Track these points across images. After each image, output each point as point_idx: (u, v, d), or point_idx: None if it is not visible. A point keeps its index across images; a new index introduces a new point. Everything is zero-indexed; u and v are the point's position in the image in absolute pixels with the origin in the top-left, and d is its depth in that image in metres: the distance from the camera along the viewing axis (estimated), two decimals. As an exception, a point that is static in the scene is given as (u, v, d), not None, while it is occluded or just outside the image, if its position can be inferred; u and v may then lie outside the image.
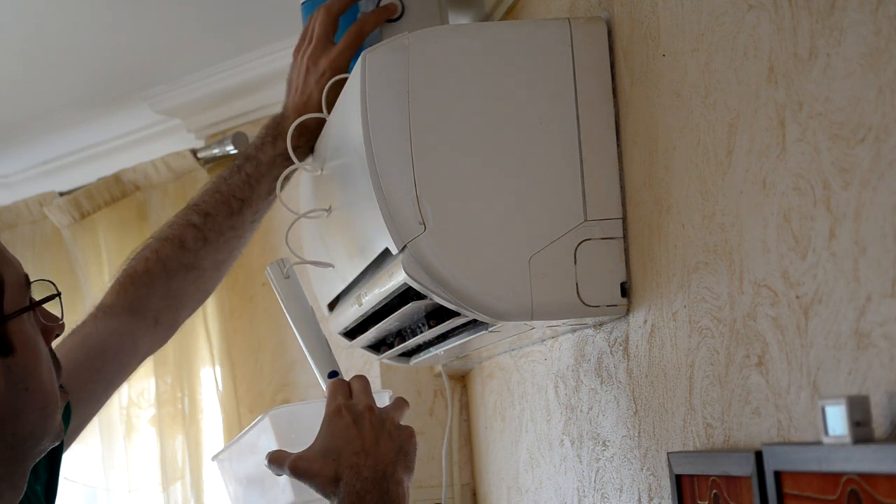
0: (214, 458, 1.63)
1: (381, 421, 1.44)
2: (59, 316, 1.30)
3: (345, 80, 1.63)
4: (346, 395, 1.46)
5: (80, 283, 3.16)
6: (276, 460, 1.43)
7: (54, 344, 1.32)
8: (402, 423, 1.47)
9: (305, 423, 1.50)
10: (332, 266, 1.77)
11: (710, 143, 1.23)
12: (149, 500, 3.04)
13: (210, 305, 2.90)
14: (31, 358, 1.24)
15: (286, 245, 1.69)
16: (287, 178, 1.74)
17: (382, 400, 1.51)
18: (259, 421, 1.51)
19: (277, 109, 2.78)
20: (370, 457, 1.40)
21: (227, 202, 1.77)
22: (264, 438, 1.51)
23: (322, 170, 1.74)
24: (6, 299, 1.23)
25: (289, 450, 1.43)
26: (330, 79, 1.72)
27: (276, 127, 1.80)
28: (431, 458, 2.36)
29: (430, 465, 2.36)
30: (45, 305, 1.29)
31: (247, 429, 1.56)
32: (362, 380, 1.50)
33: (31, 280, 1.28)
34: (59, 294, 1.30)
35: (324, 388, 1.58)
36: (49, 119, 3.03)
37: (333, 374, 1.58)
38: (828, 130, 1.00)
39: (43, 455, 1.30)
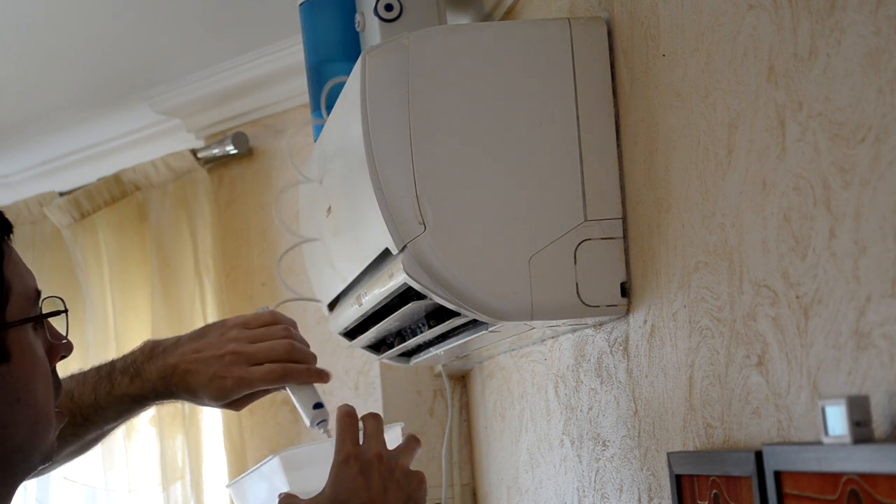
0: (229, 486, 1.63)
1: (391, 470, 1.40)
2: (65, 334, 1.27)
3: (343, 82, 1.63)
4: (355, 441, 1.41)
5: (80, 283, 3.16)
6: None
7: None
8: (413, 466, 1.43)
9: (316, 463, 1.49)
10: (320, 301, 1.76)
11: (710, 143, 1.23)
12: (149, 500, 3.04)
13: (210, 305, 2.90)
14: (28, 370, 1.22)
15: (277, 276, 1.67)
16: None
17: (394, 433, 1.48)
18: (269, 461, 1.51)
19: (277, 109, 2.81)
20: None
21: (74, 412, 1.63)
22: (275, 478, 1.50)
23: (321, 179, 1.74)
24: (10, 306, 1.21)
25: (300, 489, 1.42)
26: (229, 388, 1.58)
27: (144, 362, 1.64)
28: (431, 458, 2.36)
29: (430, 465, 2.36)
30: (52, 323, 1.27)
31: (258, 466, 1.55)
32: (375, 421, 1.44)
33: (44, 297, 1.27)
34: (66, 311, 1.28)
35: (307, 421, 1.57)
36: (49, 119, 3.03)
37: (318, 406, 1.57)
38: (828, 130, 1.00)
39: (33, 473, 1.26)
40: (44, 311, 1.26)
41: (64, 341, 1.28)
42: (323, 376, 1.59)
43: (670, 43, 1.32)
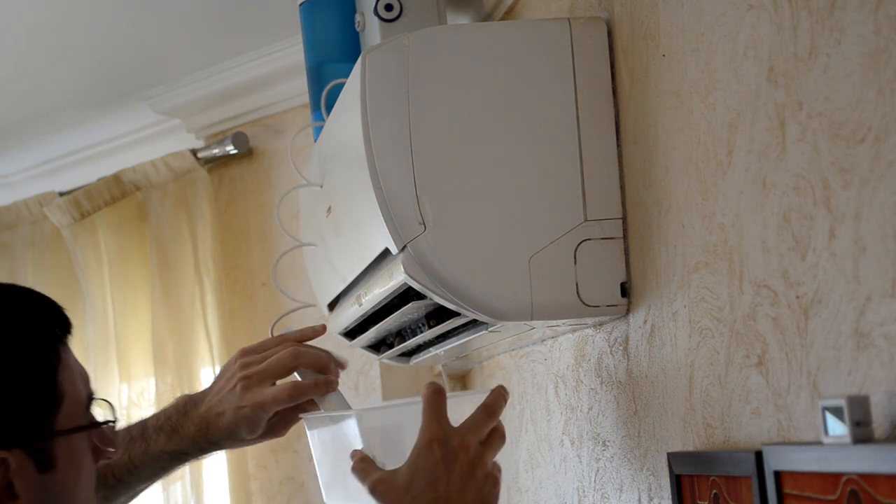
0: (303, 415, 1.60)
1: (472, 466, 1.33)
2: (114, 439, 1.25)
3: (343, 83, 1.62)
4: (442, 421, 1.34)
5: (80, 283, 3.15)
6: (361, 472, 1.36)
7: None
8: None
9: (394, 424, 1.44)
10: (315, 305, 1.76)
11: (710, 143, 1.23)
12: (149, 500, 3.04)
13: (210, 305, 2.90)
14: (72, 478, 1.20)
15: (274, 282, 1.67)
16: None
17: (478, 399, 1.40)
18: (348, 416, 1.47)
19: (277, 109, 2.81)
20: None
21: (105, 474, 1.57)
22: (351, 435, 1.46)
23: (322, 184, 1.74)
24: (61, 414, 1.20)
25: (375, 451, 1.39)
26: (250, 416, 1.56)
27: (180, 417, 1.61)
28: (431, 458, 2.36)
29: (430, 465, 2.35)
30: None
31: (334, 414, 1.52)
32: (485, 416, 1.35)
33: (94, 398, 1.24)
34: (115, 420, 1.26)
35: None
36: (49, 119, 3.03)
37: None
38: (828, 130, 1.00)
39: None
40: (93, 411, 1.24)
41: (111, 449, 1.25)
42: (330, 385, 1.57)
43: (670, 43, 1.32)
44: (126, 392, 3.07)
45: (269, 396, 1.56)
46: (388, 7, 1.81)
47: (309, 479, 2.72)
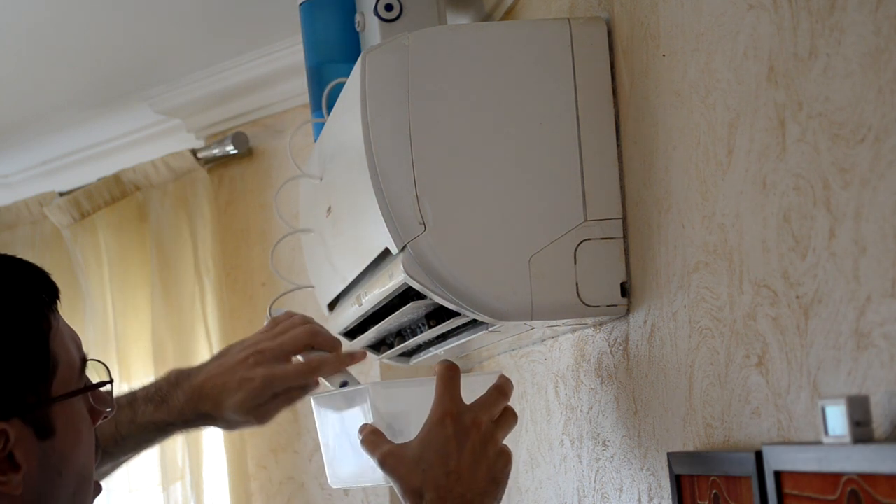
0: (314, 395, 1.59)
1: (484, 443, 1.34)
2: (111, 400, 1.25)
3: (342, 83, 1.62)
4: (455, 398, 1.35)
5: (80, 283, 3.16)
6: (370, 444, 1.36)
7: None
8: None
9: (406, 403, 1.43)
10: (314, 287, 1.76)
11: (710, 143, 1.23)
12: (149, 500, 3.04)
13: (210, 305, 2.90)
14: (71, 442, 1.20)
15: (272, 266, 1.67)
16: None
17: (486, 381, 1.41)
18: (359, 389, 1.46)
19: (277, 109, 2.81)
20: (461, 482, 1.32)
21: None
22: (361, 408, 1.45)
23: (322, 177, 1.74)
24: (56, 380, 1.19)
25: (386, 428, 1.38)
26: (258, 388, 1.54)
27: (170, 388, 1.59)
28: (431, 458, 2.36)
29: (430, 465, 2.35)
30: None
31: (347, 389, 1.51)
32: (497, 395, 1.36)
33: (88, 359, 1.24)
34: (111, 381, 1.26)
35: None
36: (49, 119, 3.03)
37: (344, 384, 1.56)
38: (828, 130, 1.00)
39: None
40: (86, 372, 1.23)
41: (109, 409, 1.25)
42: (356, 357, 1.55)
43: (670, 43, 1.32)
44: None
45: (291, 370, 1.54)
46: (388, 7, 1.81)
47: (309, 479, 2.72)
